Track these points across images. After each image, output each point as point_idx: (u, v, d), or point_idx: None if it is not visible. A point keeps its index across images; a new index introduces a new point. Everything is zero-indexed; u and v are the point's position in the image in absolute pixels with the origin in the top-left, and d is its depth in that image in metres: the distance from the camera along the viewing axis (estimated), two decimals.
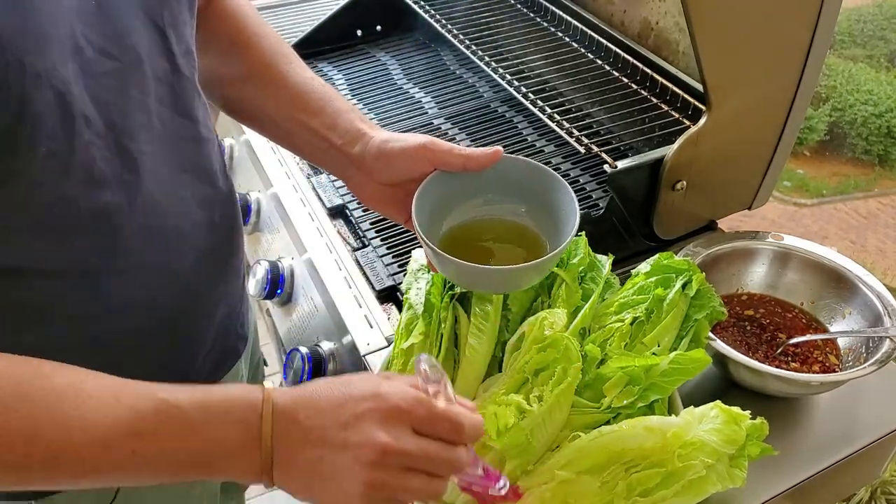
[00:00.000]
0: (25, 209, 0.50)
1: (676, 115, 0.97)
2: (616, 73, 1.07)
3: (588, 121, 1.00)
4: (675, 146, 0.85)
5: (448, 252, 0.61)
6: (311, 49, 1.32)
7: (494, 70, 1.08)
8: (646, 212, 0.92)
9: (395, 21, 1.38)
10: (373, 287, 0.90)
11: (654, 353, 0.65)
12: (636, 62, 1.04)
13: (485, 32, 1.18)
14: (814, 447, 0.74)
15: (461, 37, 1.16)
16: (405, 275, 0.77)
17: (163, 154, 0.59)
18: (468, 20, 1.21)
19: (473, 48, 1.13)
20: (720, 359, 0.74)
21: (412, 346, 0.66)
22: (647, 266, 0.73)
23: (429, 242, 0.61)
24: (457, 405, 0.50)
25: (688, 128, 0.86)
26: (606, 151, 0.91)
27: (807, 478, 0.72)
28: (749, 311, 0.85)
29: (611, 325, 0.68)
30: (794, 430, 0.76)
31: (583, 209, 0.65)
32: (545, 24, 1.20)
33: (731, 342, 0.80)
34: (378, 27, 1.38)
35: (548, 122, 0.98)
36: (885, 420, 0.77)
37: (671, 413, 0.65)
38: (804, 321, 0.84)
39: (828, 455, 0.74)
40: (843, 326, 0.81)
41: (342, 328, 0.86)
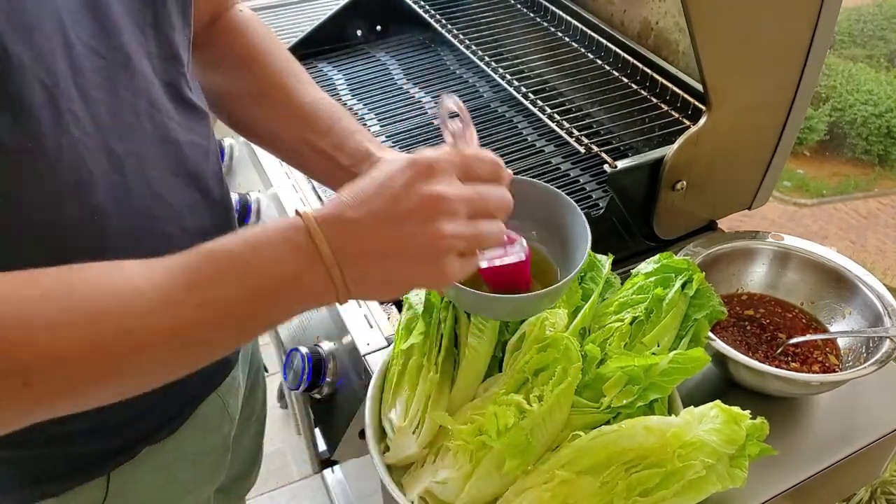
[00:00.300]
0: (11, 207, 0.48)
1: (676, 115, 0.97)
2: (616, 73, 1.07)
3: (588, 121, 1.00)
4: (675, 146, 0.85)
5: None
6: (311, 49, 1.32)
7: (494, 70, 1.08)
8: (646, 212, 0.92)
9: (395, 21, 1.38)
10: None
11: (654, 353, 0.65)
12: (636, 62, 1.04)
13: (485, 32, 1.18)
14: (814, 447, 0.75)
15: (461, 37, 1.16)
16: None
17: (152, 157, 0.57)
18: (468, 20, 1.21)
19: (473, 48, 1.13)
20: (720, 358, 0.74)
21: (412, 347, 0.66)
22: (650, 266, 0.73)
23: None
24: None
25: (688, 128, 0.87)
26: (606, 151, 0.91)
27: (807, 478, 0.72)
28: (749, 311, 0.85)
29: (610, 325, 0.68)
30: (794, 430, 0.76)
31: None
32: (545, 24, 1.20)
33: (731, 342, 0.80)
34: (378, 27, 1.38)
35: (548, 122, 0.98)
36: (885, 420, 0.77)
37: (671, 413, 0.65)
38: (804, 321, 0.84)
39: (828, 455, 0.74)
40: (843, 326, 0.81)
41: (342, 328, 0.86)
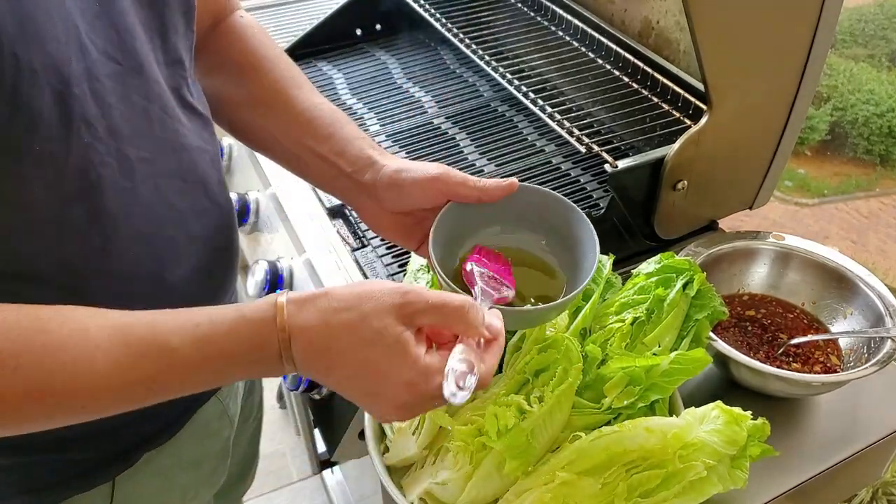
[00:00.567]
0: (16, 210, 0.48)
1: (677, 115, 0.97)
2: (617, 73, 1.07)
3: (589, 120, 1.00)
4: (676, 146, 0.85)
5: (462, 285, 0.59)
6: (311, 49, 1.32)
7: (495, 69, 1.08)
8: (647, 211, 0.92)
9: (395, 20, 1.38)
10: None
11: (655, 354, 0.65)
12: (637, 61, 1.04)
13: (485, 31, 1.18)
14: (815, 448, 0.74)
15: (461, 36, 1.15)
16: (405, 275, 0.77)
17: (163, 162, 0.57)
18: (468, 19, 1.20)
19: (473, 47, 1.13)
20: (721, 359, 0.74)
21: None
22: (651, 266, 0.72)
23: (446, 280, 0.59)
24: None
25: (689, 127, 0.86)
26: (607, 151, 0.90)
27: (808, 478, 0.71)
28: (750, 312, 0.85)
29: (611, 326, 0.68)
30: (796, 431, 0.76)
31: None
32: (545, 23, 1.20)
33: (733, 342, 0.80)
34: (378, 26, 1.38)
35: (548, 122, 0.98)
36: (887, 420, 0.77)
37: (672, 414, 0.65)
38: (805, 321, 0.84)
39: (829, 456, 0.73)
40: (845, 327, 0.81)
41: None
